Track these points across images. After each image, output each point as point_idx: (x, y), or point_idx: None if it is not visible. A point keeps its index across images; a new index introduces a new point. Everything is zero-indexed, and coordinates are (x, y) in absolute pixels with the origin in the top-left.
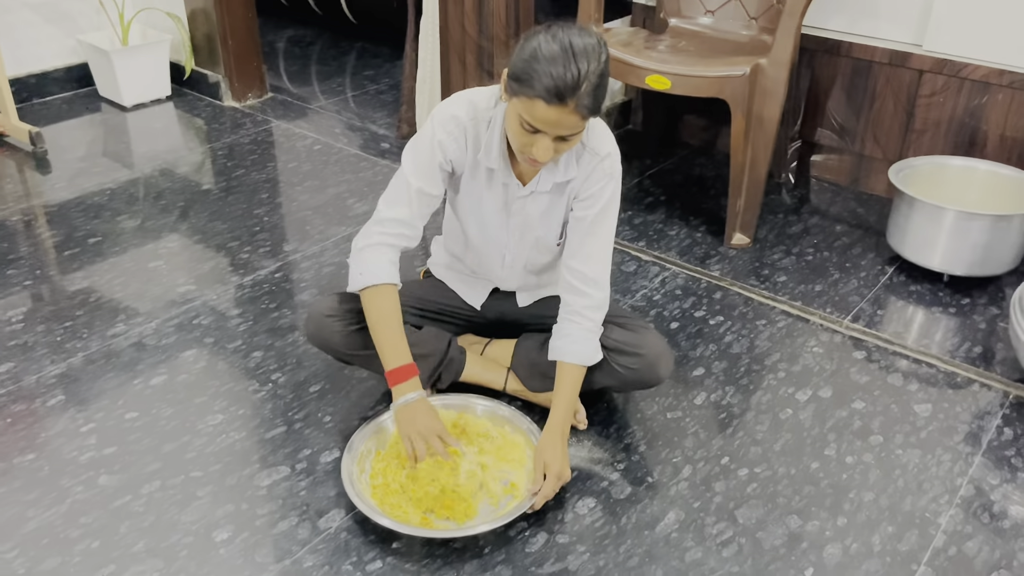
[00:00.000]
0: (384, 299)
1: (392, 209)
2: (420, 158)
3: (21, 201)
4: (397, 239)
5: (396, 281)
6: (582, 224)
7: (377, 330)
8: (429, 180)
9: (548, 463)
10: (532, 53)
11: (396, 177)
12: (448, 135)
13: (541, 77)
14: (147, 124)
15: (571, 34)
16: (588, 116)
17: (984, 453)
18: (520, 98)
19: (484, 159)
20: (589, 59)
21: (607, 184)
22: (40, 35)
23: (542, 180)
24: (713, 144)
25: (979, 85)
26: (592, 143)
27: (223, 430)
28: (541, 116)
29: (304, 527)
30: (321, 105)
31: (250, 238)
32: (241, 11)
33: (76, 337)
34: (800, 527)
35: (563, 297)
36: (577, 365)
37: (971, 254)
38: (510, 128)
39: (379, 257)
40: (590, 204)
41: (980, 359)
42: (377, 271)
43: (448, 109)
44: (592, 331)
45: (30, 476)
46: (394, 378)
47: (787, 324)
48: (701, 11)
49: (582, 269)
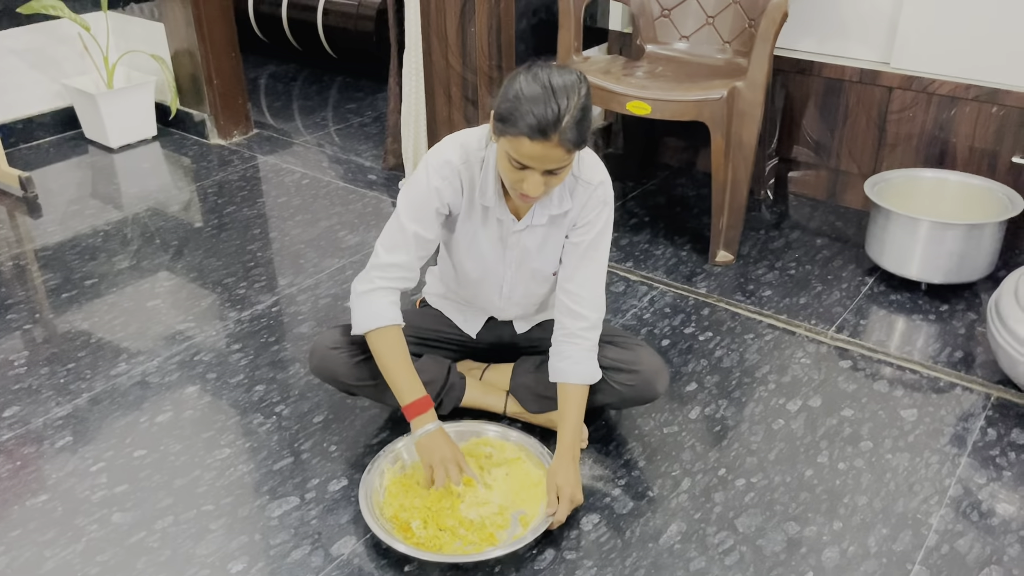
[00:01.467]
0: (391, 339)
1: (391, 255)
2: (416, 204)
3: (15, 246)
4: (396, 282)
5: (400, 321)
6: (578, 249)
7: (388, 368)
8: (425, 225)
9: (561, 486)
10: (515, 94)
11: (392, 222)
12: (443, 180)
13: (524, 116)
14: (135, 165)
15: (551, 73)
16: (573, 149)
17: (970, 454)
18: (507, 137)
19: (480, 198)
20: (569, 95)
21: (602, 211)
22: (25, 80)
23: (536, 214)
24: (693, 164)
25: (946, 100)
26: (584, 174)
27: (231, 463)
28: (527, 152)
29: (317, 555)
30: (306, 140)
31: (245, 274)
32: (225, 50)
33: (80, 378)
34: (798, 533)
35: (559, 320)
36: (580, 385)
37: (947, 262)
38: (501, 166)
39: (380, 300)
40: (586, 231)
41: (961, 363)
42: (381, 313)
43: (441, 155)
44: (591, 351)
45: (44, 517)
46: (412, 411)
47: (774, 337)
48: (676, 36)
49: (578, 292)
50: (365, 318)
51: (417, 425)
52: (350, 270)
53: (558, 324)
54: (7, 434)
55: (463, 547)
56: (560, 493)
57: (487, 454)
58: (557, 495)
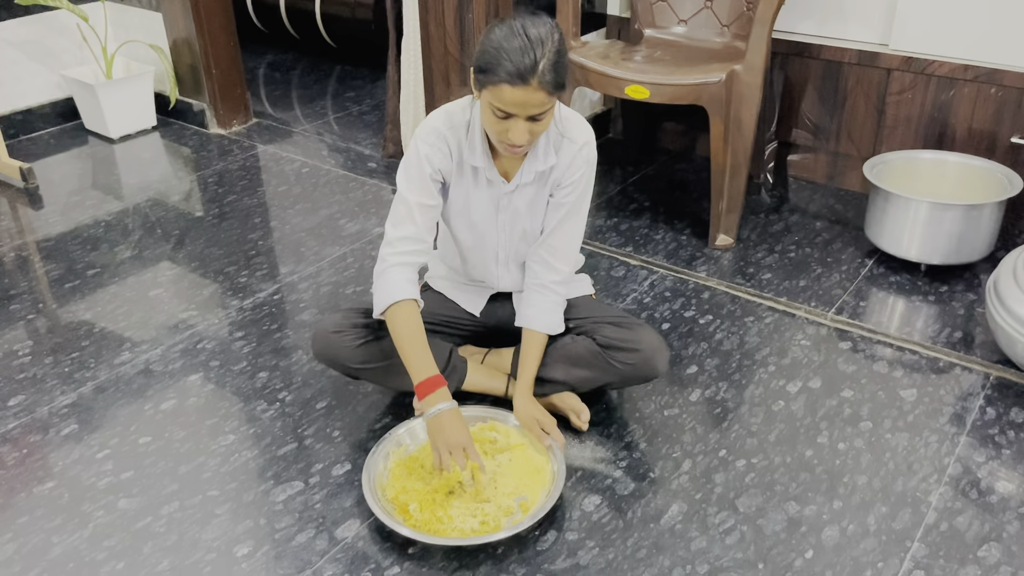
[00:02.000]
0: (405, 315)
1: (398, 229)
2: (411, 174)
3: (17, 237)
4: (410, 256)
5: (415, 296)
6: (562, 209)
7: (402, 345)
8: (425, 192)
9: (539, 417)
10: (492, 45)
11: (395, 199)
12: (431, 147)
13: (503, 63)
14: (135, 155)
15: (524, 22)
16: (553, 92)
17: (969, 433)
18: (488, 87)
19: (469, 158)
20: (544, 40)
21: (586, 171)
22: (24, 72)
23: (525, 172)
24: (692, 149)
25: (945, 81)
26: (570, 132)
27: (236, 449)
28: (509, 99)
29: (322, 538)
30: (306, 128)
31: (247, 262)
32: (223, 39)
33: (84, 367)
34: (798, 512)
35: (532, 268)
36: (543, 334)
37: (946, 243)
38: (486, 121)
39: (396, 277)
40: (571, 190)
41: (960, 343)
42: (395, 290)
43: (427, 124)
44: (559, 304)
45: (51, 503)
46: (423, 390)
47: (774, 320)
48: (675, 20)
49: (556, 245)
50: (381, 297)
51: (429, 404)
52: (351, 258)
53: (531, 272)
54: (13, 423)
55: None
56: (542, 424)
57: (492, 439)
58: (541, 427)
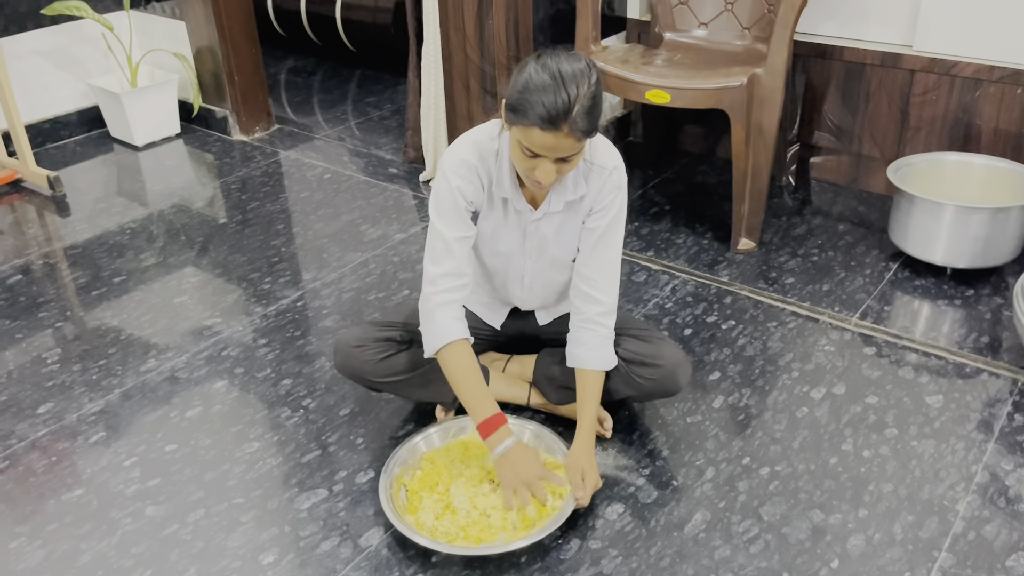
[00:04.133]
0: (459, 355)
1: (439, 265)
2: (445, 208)
3: (45, 245)
4: (452, 292)
5: (465, 335)
6: (594, 235)
7: (459, 385)
8: (461, 225)
9: (586, 471)
10: (524, 84)
11: (430, 234)
12: (462, 179)
13: (534, 106)
14: (160, 162)
15: (560, 61)
16: (584, 138)
17: (997, 440)
18: (518, 127)
19: (497, 190)
20: (579, 83)
21: (617, 196)
22: (51, 81)
23: (553, 201)
24: (713, 151)
25: (970, 82)
26: (598, 159)
27: (260, 456)
28: (538, 142)
29: (346, 546)
30: (327, 134)
31: (270, 269)
32: (245, 47)
33: (111, 374)
34: (823, 520)
35: (576, 304)
36: (598, 371)
37: (972, 247)
38: (514, 155)
39: (443, 316)
40: (602, 215)
41: (987, 348)
42: (446, 331)
43: (456, 156)
44: (607, 337)
45: (80, 511)
46: (486, 429)
47: (797, 325)
48: (695, 24)
49: (594, 276)
50: (431, 340)
51: (493, 444)
52: (373, 264)
53: (574, 309)
54: (42, 430)
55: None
56: (585, 477)
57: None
58: (582, 477)
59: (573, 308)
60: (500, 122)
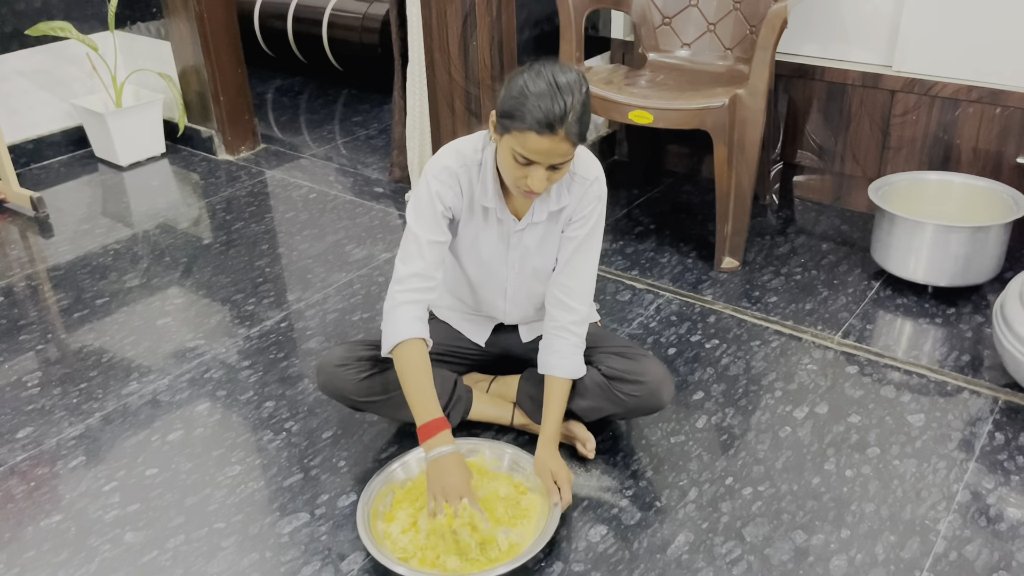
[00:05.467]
0: (411, 355)
1: (407, 266)
2: (422, 212)
3: (27, 267)
4: (418, 293)
5: (422, 335)
6: (572, 243)
7: (406, 386)
8: (435, 229)
9: (555, 471)
10: (520, 90)
11: (405, 235)
12: (443, 184)
13: (532, 111)
14: (145, 182)
15: (554, 70)
16: (576, 143)
17: (978, 459)
18: (512, 133)
19: (480, 199)
20: (573, 91)
21: (597, 205)
22: (35, 101)
23: (536, 211)
24: (698, 171)
25: (949, 102)
26: (580, 170)
27: (242, 480)
28: (533, 147)
29: (327, 571)
30: (313, 153)
31: (254, 290)
32: (231, 67)
33: (92, 398)
34: (806, 541)
35: (550, 312)
36: (565, 379)
37: (953, 265)
38: (503, 164)
39: (404, 315)
40: (581, 224)
41: (968, 367)
42: (402, 328)
43: (439, 162)
44: (578, 346)
45: (58, 537)
46: (425, 432)
47: (780, 343)
48: (678, 44)
49: (570, 284)
50: (388, 336)
51: (429, 448)
52: (357, 284)
53: (549, 316)
54: (21, 455)
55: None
56: (556, 477)
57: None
58: (555, 481)
59: (548, 315)
60: (486, 134)
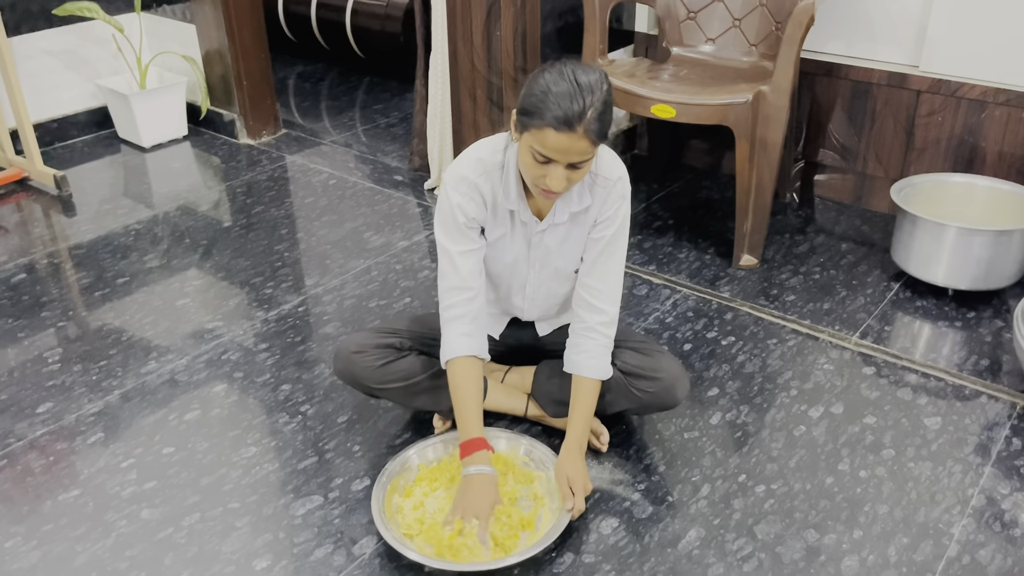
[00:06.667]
0: (462, 373)
1: (445, 281)
2: (447, 224)
3: (50, 244)
4: (460, 307)
5: (472, 352)
6: (599, 244)
7: (455, 401)
8: (463, 240)
9: (572, 478)
10: (541, 88)
11: (438, 249)
12: (463, 196)
13: (551, 108)
14: (166, 164)
15: (575, 70)
16: (596, 142)
17: (994, 464)
18: (531, 131)
19: (504, 202)
20: (594, 90)
21: (621, 205)
22: (61, 80)
23: (558, 212)
24: (718, 167)
25: (976, 103)
26: (603, 170)
27: (257, 462)
28: (552, 144)
29: (339, 554)
30: (334, 140)
31: (272, 273)
32: (255, 51)
33: (111, 376)
34: (818, 541)
35: (577, 313)
36: (594, 379)
37: (975, 269)
38: (523, 164)
39: (453, 332)
40: (607, 225)
41: (987, 371)
42: (455, 346)
43: (457, 172)
44: (607, 347)
45: (76, 512)
46: (466, 449)
47: (797, 342)
48: (702, 39)
49: (597, 286)
50: (443, 350)
51: (467, 463)
52: (375, 271)
53: (576, 317)
54: (41, 430)
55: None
56: (572, 484)
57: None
58: (571, 487)
59: (575, 317)
60: (506, 135)
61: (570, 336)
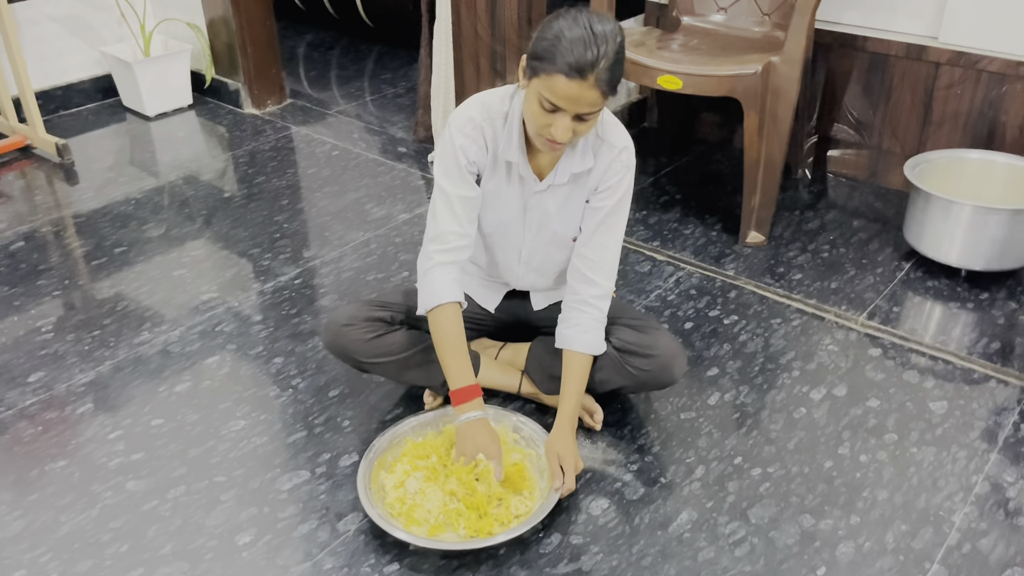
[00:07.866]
0: (447, 319)
1: (440, 224)
2: (448, 166)
3: (51, 212)
4: (453, 252)
5: (458, 298)
6: (598, 214)
7: (441, 349)
8: (463, 185)
9: (563, 456)
10: (555, 33)
11: (434, 192)
12: (466, 138)
13: (564, 54)
14: (170, 133)
15: (591, 18)
16: (606, 93)
17: (1000, 450)
18: (541, 76)
19: (503, 152)
20: (608, 40)
21: (625, 176)
22: (65, 47)
23: (559, 172)
24: (730, 141)
25: (996, 77)
26: (609, 137)
27: (246, 435)
28: (562, 91)
29: (324, 530)
30: (340, 110)
31: (271, 245)
32: (260, 19)
33: (104, 345)
34: (813, 526)
35: (571, 285)
36: (585, 354)
37: (989, 249)
38: (528, 112)
39: (440, 277)
40: (608, 195)
41: (997, 355)
42: (440, 291)
43: (463, 113)
44: (600, 320)
45: (62, 482)
46: (457, 398)
47: (802, 322)
48: (714, 8)
49: (594, 257)
50: (425, 298)
51: (460, 412)
52: (374, 243)
53: (570, 289)
54: (31, 399)
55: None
56: (563, 462)
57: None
58: (561, 465)
59: (568, 288)
60: (514, 87)
61: (563, 311)
